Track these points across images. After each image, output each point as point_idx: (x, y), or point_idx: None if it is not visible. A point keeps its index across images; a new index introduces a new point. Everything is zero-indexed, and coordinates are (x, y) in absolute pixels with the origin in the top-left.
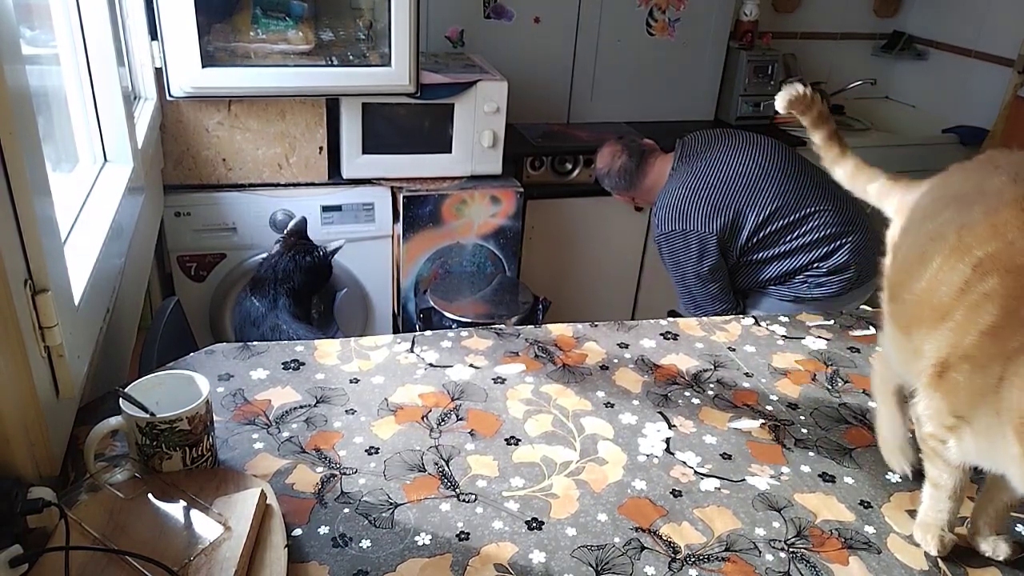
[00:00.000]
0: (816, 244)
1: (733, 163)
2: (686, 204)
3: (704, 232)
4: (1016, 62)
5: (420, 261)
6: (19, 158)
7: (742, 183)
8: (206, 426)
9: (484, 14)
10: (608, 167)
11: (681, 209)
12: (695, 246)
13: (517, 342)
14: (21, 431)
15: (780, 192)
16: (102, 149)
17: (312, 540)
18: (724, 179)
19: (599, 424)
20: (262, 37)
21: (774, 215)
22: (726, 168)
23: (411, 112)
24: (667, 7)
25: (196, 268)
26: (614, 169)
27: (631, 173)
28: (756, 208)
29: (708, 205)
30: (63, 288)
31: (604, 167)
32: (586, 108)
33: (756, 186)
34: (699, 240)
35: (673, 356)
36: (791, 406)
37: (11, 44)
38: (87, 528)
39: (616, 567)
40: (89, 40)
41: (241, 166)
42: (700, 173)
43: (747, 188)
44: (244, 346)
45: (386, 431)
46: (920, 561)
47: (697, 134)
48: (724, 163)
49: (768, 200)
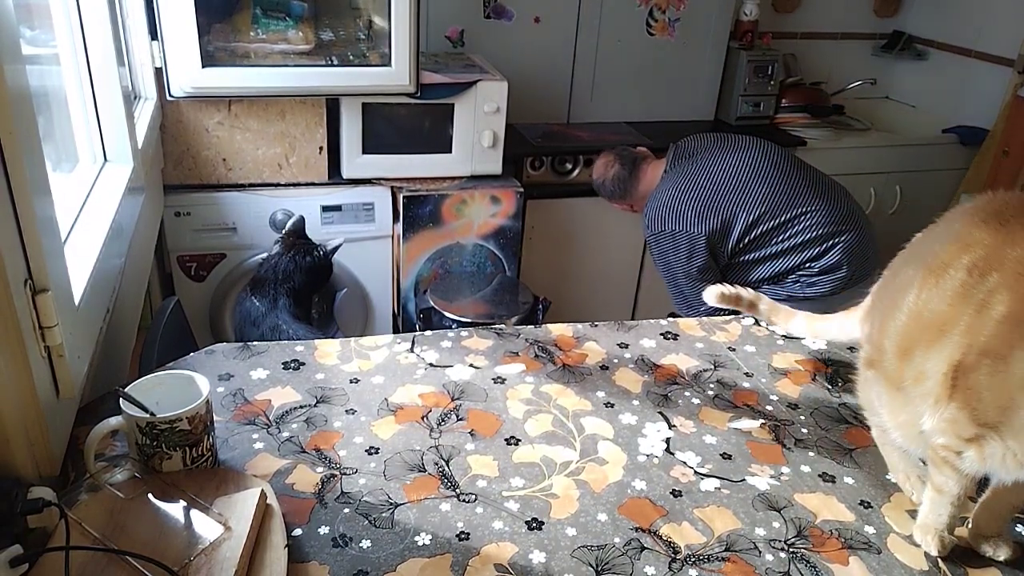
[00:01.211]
0: (808, 244)
1: (723, 164)
2: (675, 205)
3: (693, 232)
4: (1016, 62)
5: (420, 261)
6: (19, 158)
7: (732, 184)
8: (206, 426)
9: (484, 14)
10: (603, 177)
11: (671, 208)
12: (684, 246)
13: (517, 342)
14: (21, 431)
15: (772, 192)
16: (102, 149)
17: (312, 540)
18: (714, 181)
19: (599, 424)
20: (262, 37)
21: (764, 215)
22: (716, 169)
23: (411, 112)
24: (667, 7)
25: (196, 268)
26: (608, 179)
27: (625, 181)
28: (746, 209)
29: (697, 206)
30: (63, 288)
31: (599, 178)
32: (586, 108)
33: (747, 187)
34: (688, 240)
35: (673, 356)
36: (791, 406)
37: (11, 44)
38: (87, 528)
39: (616, 567)
40: (89, 40)
41: (241, 166)
42: (690, 175)
43: (737, 189)
44: (244, 346)
45: (386, 431)
46: (920, 561)
47: (690, 138)
48: (714, 165)
49: (759, 201)
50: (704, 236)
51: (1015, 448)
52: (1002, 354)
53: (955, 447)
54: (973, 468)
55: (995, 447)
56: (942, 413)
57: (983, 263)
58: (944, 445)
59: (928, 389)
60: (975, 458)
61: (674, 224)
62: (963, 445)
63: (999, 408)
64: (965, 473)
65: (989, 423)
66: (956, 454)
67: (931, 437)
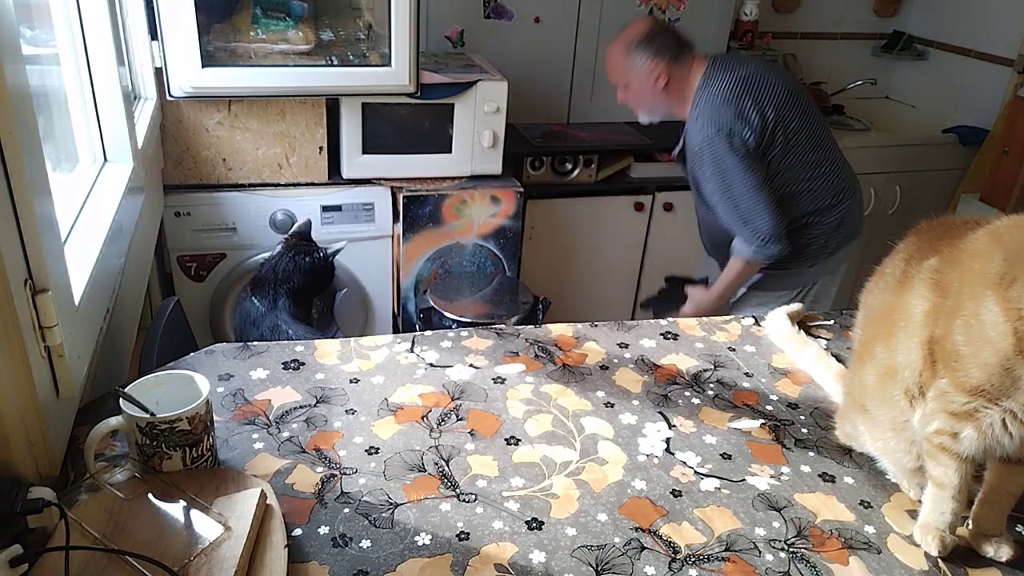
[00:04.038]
0: (827, 191)
1: (769, 76)
2: (728, 104)
3: (746, 132)
4: (1016, 62)
5: (420, 261)
6: (19, 158)
7: (779, 91)
8: (206, 426)
9: (484, 14)
10: (648, 35)
11: (725, 105)
12: (739, 146)
13: (517, 342)
14: (21, 431)
15: (810, 117)
16: (102, 149)
17: (312, 540)
18: (762, 85)
19: (599, 424)
20: (262, 37)
21: (801, 132)
22: (763, 77)
23: (411, 112)
24: (667, 7)
25: (196, 268)
26: (655, 37)
27: (672, 51)
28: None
29: (749, 105)
30: (63, 288)
31: (641, 35)
32: (586, 108)
33: (791, 100)
34: (742, 140)
35: (673, 356)
36: (791, 406)
37: (11, 44)
38: (87, 528)
39: (616, 567)
40: (89, 40)
41: (241, 166)
42: (738, 77)
43: (783, 99)
44: (244, 346)
45: (386, 431)
46: (920, 561)
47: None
48: (761, 74)
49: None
50: (755, 135)
51: (1012, 407)
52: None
53: (949, 429)
54: (972, 448)
55: (992, 414)
56: (929, 396)
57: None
58: (938, 430)
59: (906, 376)
60: (973, 436)
61: (731, 123)
62: (957, 424)
63: (980, 364)
64: (964, 456)
65: (974, 387)
66: (952, 437)
67: (923, 428)
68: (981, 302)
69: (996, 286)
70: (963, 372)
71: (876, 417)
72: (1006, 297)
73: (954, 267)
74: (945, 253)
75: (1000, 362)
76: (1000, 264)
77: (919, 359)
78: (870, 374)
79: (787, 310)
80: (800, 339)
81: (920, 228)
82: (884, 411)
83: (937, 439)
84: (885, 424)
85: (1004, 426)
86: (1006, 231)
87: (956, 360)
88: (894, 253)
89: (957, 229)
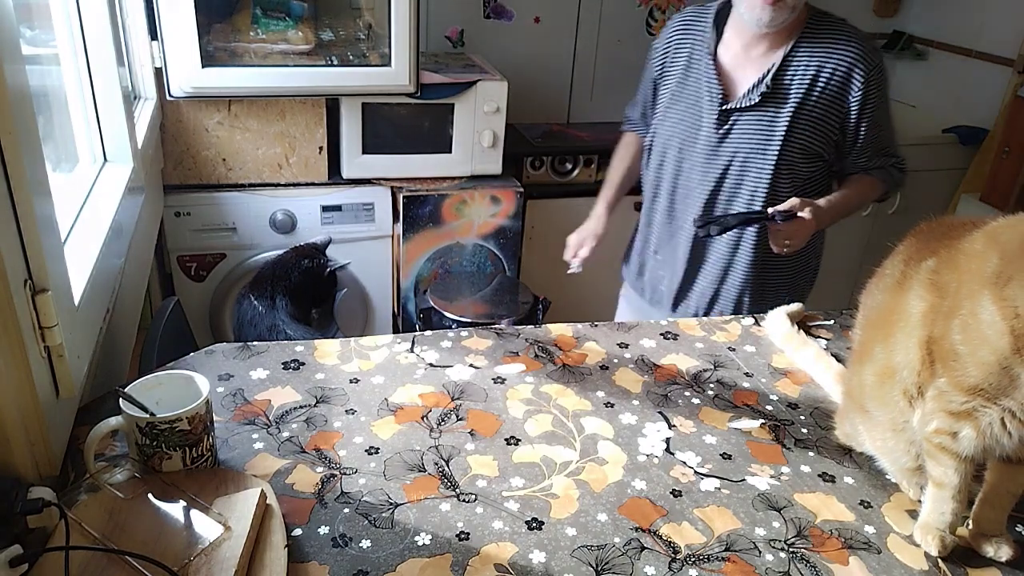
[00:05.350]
0: None
1: None
2: None
3: None
4: (1016, 62)
5: (420, 261)
6: (19, 158)
7: None
8: (206, 426)
9: (484, 14)
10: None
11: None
12: None
13: (517, 342)
14: (21, 431)
15: None
16: (102, 149)
17: (312, 540)
18: None
19: (599, 424)
20: (262, 37)
21: None
22: None
23: (411, 112)
24: (667, 7)
25: (196, 268)
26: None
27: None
28: None
29: None
30: (63, 288)
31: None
32: (586, 108)
33: None
34: None
35: (673, 356)
36: (791, 406)
37: (11, 44)
38: (87, 528)
39: (616, 567)
40: (89, 40)
41: (241, 166)
42: None
43: None
44: (244, 346)
45: (386, 431)
46: (920, 561)
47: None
48: None
49: None
50: None
51: (1011, 406)
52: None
53: (948, 428)
54: (971, 447)
55: (991, 413)
56: (928, 396)
57: (915, 255)
58: (937, 430)
59: (904, 376)
60: (972, 435)
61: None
62: (955, 424)
63: (978, 364)
64: (964, 456)
65: (972, 386)
66: (951, 436)
67: (922, 428)
68: (978, 301)
69: (992, 285)
70: (961, 371)
71: (875, 417)
72: (1002, 296)
73: (951, 267)
74: (943, 254)
75: (998, 361)
76: (996, 263)
77: (917, 359)
78: (869, 374)
79: (787, 310)
80: (800, 339)
81: (919, 229)
82: (883, 411)
83: (936, 439)
84: (884, 424)
85: (1003, 425)
86: (1002, 231)
87: (954, 359)
88: (893, 254)
89: (955, 230)
